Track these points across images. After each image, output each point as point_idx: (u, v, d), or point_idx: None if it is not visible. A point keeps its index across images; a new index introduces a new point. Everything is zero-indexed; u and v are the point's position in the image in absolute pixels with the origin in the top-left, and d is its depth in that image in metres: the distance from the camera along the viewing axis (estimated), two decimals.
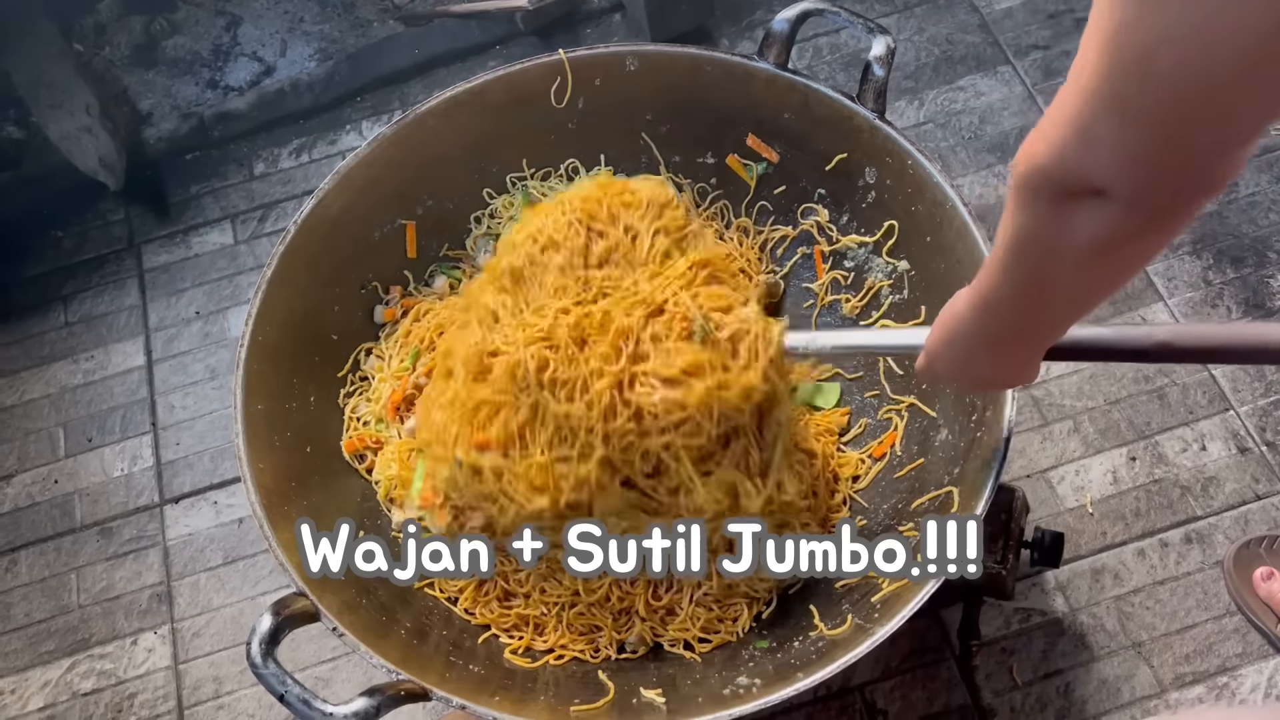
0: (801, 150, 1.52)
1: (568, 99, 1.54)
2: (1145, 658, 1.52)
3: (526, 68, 1.50)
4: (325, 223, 1.44)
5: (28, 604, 1.71)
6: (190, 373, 1.91)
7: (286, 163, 2.14)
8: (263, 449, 1.29)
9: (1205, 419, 1.69)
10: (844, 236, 1.52)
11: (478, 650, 1.30)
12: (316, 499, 1.34)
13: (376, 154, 1.46)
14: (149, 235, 2.07)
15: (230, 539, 1.73)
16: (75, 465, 1.83)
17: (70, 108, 2.04)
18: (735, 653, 1.28)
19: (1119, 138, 0.61)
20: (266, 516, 1.21)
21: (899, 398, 1.44)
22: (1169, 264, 1.83)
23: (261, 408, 1.32)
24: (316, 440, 1.41)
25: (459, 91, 1.49)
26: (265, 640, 1.07)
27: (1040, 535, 1.41)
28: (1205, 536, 1.60)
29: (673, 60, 1.51)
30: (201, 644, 1.65)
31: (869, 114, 1.41)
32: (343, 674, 1.60)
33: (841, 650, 1.13)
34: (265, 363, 1.34)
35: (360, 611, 1.21)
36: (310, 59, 2.26)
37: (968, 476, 1.24)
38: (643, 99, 1.55)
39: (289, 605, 1.12)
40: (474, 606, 1.34)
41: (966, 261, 1.32)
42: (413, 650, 1.21)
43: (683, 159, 1.60)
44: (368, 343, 1.52)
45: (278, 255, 1.38)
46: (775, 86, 1.47)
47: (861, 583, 1.28)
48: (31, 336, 1.98)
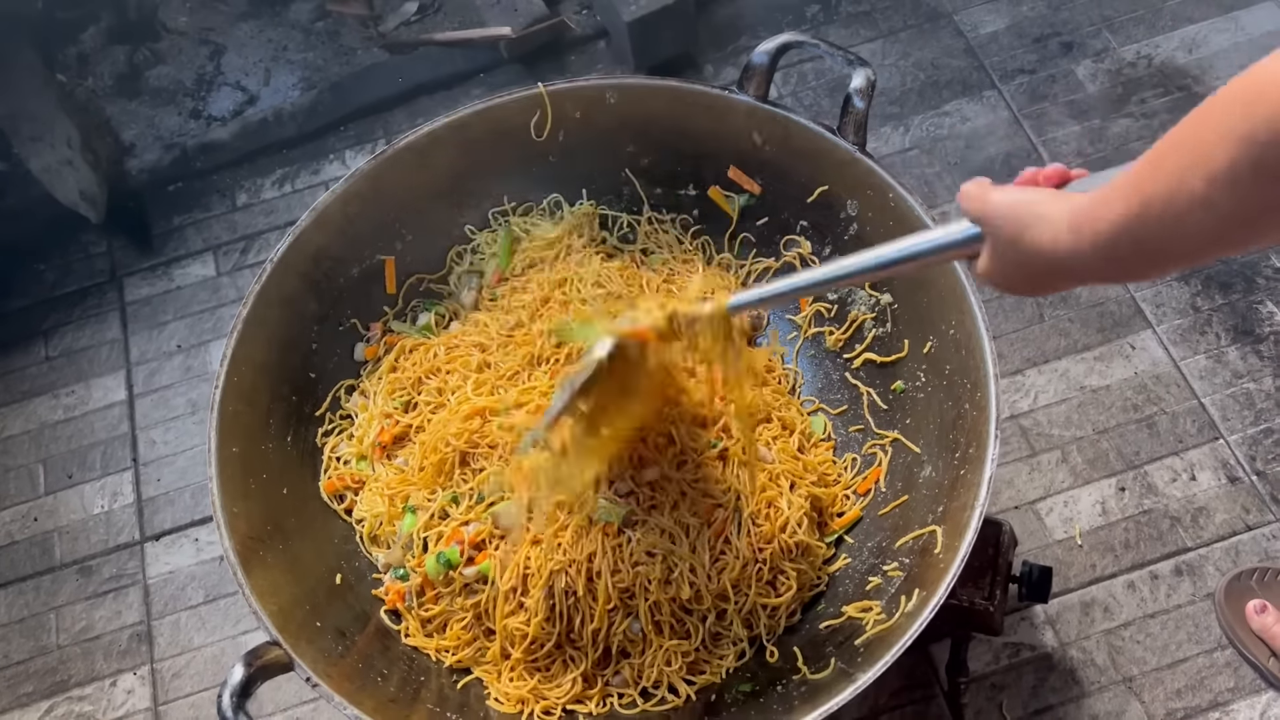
0: (784, 182, 1.51)
1: (548, 132, 1.52)
2: (1136, 693, 1.50)
3: (505, 101, 1.49)
4: (303, 259, 1.42)
5: (6, 645, 1.69)
6: (172, 407, 1.89)
7: (269, 193, 2.13)
8: (238, 493, 1.27)
9: (1195, 448, 1.67)
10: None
11: (457, 697, 1.27)
12: (294, 542, 1.32)
13: (353, 189, 1.44)
14: (131, 268, 2.06)
15: (211, 577, 1.71)
16: (55, 502, 1.82)
17: (51, 140, 2.03)
18: (718, 697, 1.26)
19: None
20: (240, 563, 1.19)
21: (883, 432, 1.42)
22: (1157, 290, 1.82)
23: (237, 450, 1.30)
24: (293, 482, 1.39)
25: (438, 126, 1.47)
26: (236, 693, 1.05)
27: (1028, 570, 1.39)
28: (1196, 568, 1.58)
29: (653, 93, 1.50)
30: (182, 684, 1.63)
31: (850, 147, 1.39)
32: (325, 714, 1.58)
33: (825, 695, 1.11)
34: (241, 403, 1.33)
35: (338, 660, 1.19)
36: (294, 88, 2.25)
37: (951, 515, 1.22)
38: (624, 131, 1.54)
39: (262, 655, 1.10)
40: (453, 647, 1.32)
41: (949, 295, 1.31)
42: (390, 699, 1.19)
43: (664, 191, 1.59)
44: (347, 380, 1.50)
45: (253, 294, 1.36)
46: (756, 118, 1.46)
47: (845, 623, 1.26)
48: (12, 371, 1.96)
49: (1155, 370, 1.74)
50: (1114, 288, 1.82)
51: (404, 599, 1.33)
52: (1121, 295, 1.82)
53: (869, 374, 1.46)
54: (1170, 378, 1.73)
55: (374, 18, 2.34)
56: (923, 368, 1.39)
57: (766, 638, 1.29)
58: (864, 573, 1.31)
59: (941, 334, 1.35)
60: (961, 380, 1.30)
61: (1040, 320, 1.81)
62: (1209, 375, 1.73)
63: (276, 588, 1.21)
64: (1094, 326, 1.80)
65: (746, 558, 1.26)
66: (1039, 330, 1.80)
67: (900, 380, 1.42)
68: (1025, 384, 1.76)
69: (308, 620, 1.22)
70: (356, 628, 1.29)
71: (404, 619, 1.33)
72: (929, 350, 1.37)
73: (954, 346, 1.32)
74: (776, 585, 1.30)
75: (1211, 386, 1.72)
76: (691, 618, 1.26)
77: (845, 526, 1.38)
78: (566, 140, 1.54)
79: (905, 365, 1.42)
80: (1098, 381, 1.75)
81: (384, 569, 1.37)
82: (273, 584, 1.21)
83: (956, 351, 1.31)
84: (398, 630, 1.33)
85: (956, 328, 1.31)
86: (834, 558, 1.36)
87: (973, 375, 1.27)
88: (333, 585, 1.33)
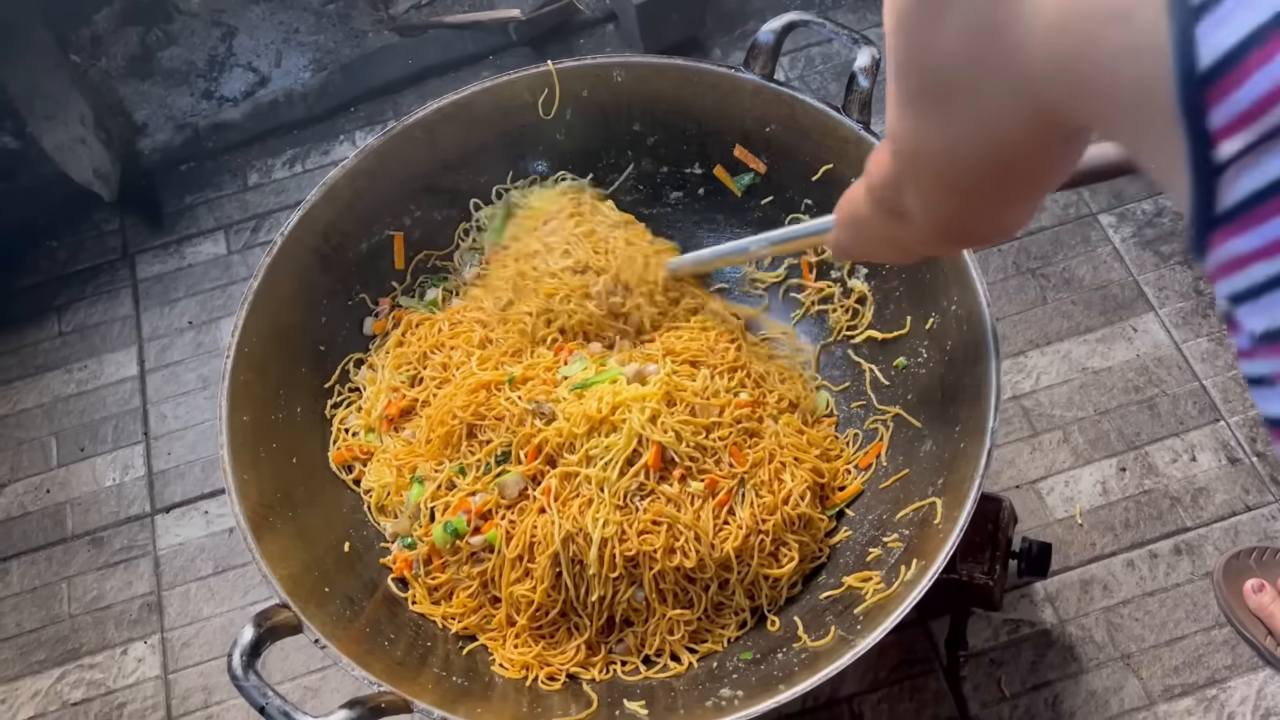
0: (788, 161, 1.52)
1: (555, 110, 1.54)
2: (1134, 669, 1.51)
3: (514, 79, 1.51)
4: (313, 235, 1.44)
5: (18, 614, 1.71)
6: (182, 382, 1.91)
7: (280, 173, 2.15)
8: (248, 461, 1.29)
9: (1195, 429, 1.68)
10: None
11: (463, 662, 1.29)
12: (303, 511, 1.34)
13: (363, 166, 1.46)
14: (143, 245, 2.08)
15: (221, 549, 1.74)
16: (67, 475, 1.84)
17: (65, 118, 2.05)
18: (719, 664, 1.28)
19: (912, 197, 0.77)
20: (250, 529, 1.21)
21: (884, 408, 1.44)
22: (1160, 274, 1.83)
23: (247, 419, 1.32)
24: (303, 452, 1.41)
25: (446, 103, 1.49)
26: (246, 652, 1.07)
27: (1027, 545, 1.41)
28: (1195, 548, 1.59)
29: (659, 72, 1.52)
30: (191, 654, 1.65)
31: (854, 125, 1.41)
32: (331, 684, 1.60)
33: (825, 661, 1.12)
34: (251, 374, 1.35)
35: (346, 624, 1.21)
36: (305, 69, 2.27)
37: (951, 487, 1.24)
38: (630, 110, 1.55)
39: (271, 617, 1.12)
40: (459, 615, 1.34)
41: (951, 271, 1.33)
42: (397, 662, 1.21)
43: (670, 170, 1.60)
44: (356, 353, 1.52)
45: (264, 267, 1.38)
46: (761, 97, 1.47)
47: (845, 593, 1.28)
48: (26, 346, 1.99)
49: (1157, 352, 1.75)
50: (1117, 271, 1.83)
51: (411, 567, 1.35)
52: (1124, 279, 1.83)
53: (871, 350, 1.48)
54: (1172, 360, 1.75)
55: (384, 0, 2.35)
56: (924, 344, 1.40)
57: (768, 608, 1.31)
58: (864, 544, 1.32)
59: (944, 310, 1.36)
60: (963, 356, 1.31)
61: (1043, 302, 1.83)
62: (1211, 358, 1.74)
63: (286, 554, 1.23)
64: (1096, 309, 1.81)
65: (749, 528, 1.28)
66: (1041, 312, 1.82)
67: (902, 356, 1.44)
68: (1027, 365, 1.77)
69: (316, 586, 1.24)
70: (364, 594, 1.31)
71: (411, 586, 1.35)
72: (931, 326, 1.39)
73: (956, 322, 1.33)
74: (778, 556, 1.32)
75: (1213, 369, 1.73)
76: (695, 586, 1.28)
77: (846, 500, 1.39)
78: (573, 118, 1.55)
79: (907, 342, 1.44)
80: (1099, 363, 1.76)
81: (391, 538, 1.39)
82: (282, 550, 1.23)
83: (958, 327, 1.33)
84: (405, 598, 1.35)
85: (959, 303, 1.32)
86: (835, 530, 1.38)
87: (974, 351, 1.28)
88: (341, 553, 1.35)
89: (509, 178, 1.60)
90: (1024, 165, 0.66)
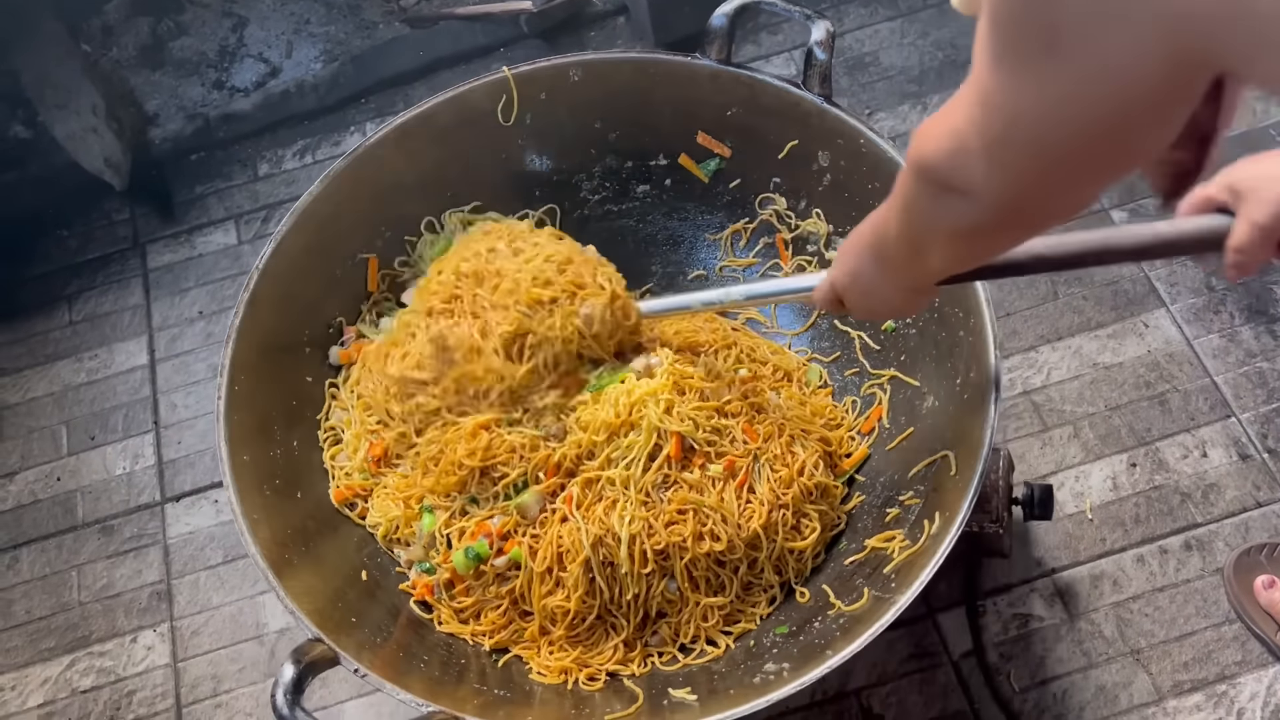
0: (753, 142, 1.53)
1: (515, 116, 1.53)
2: (1144, 665, 1.51)
3: (472, 88, 1.51)
4: (287, 264, 1.42)
5: (29, 601, 1.72)
6: (192, 372, 1.91)
7: (290, 164, 2.15)
8: (255, 501, 1.28)
9: (1206, 425, 1.68)
10: (803, 222, 1.55)
11: (499, 674, 1.29)
12: (316, 545, 1.33)
13: (331, 189, 1.45)
14: (153, 235, 2.08)
15: (230, 538, 1.74)
16: (78, 463, 1.84)
17: (76, 108, 2.05)
18: (756, 643, 1.29)
19: (986, 170, 0.70)
20: (271, 568, 1.19)
21: (879, 372, 1.47)
22: (1172, 270, 1.83)
23: (247, 458, 1.30)
24: (305, 486, 1.39)
25: (407, 119, 1.48)
26: (289, 690, 1.05)
27: (1030, 491, 1.43)
28: (1205, 543, 1.59)
29: (615, 67, 1.52)
30: (200, 642, 1.66)
31: (816, 98, 1.43)
32: (352, 716, 1.59)
33: (865, 624, 1.13)
34: (244, 412, 1.33)
35: (377, 650, 1.20)
36: (316, 60, 2.27)
37: (962, 438, 1.25)
38: (590, 108, 1.55)
39: (308, 651, 1.10)
40: (490, 631, 1.32)
41: None
42: (435, 681, 1.20)
43: (635, 164, 1.60)
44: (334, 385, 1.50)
45: (243, 303, 1.37)
46: (720, 81, 1.48)
47: (870, 556, 1.30)
48: (36, 335, 1.99)
49: (1168, 349, 1.75)
50: (1129, 267, 1.83)
51: (433, 593, 1.34)
52: (1136, 274, 1.82)
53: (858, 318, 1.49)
54: (1183, 356, 1.74)
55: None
56: None
57: (795, 581, 1.33)
58: (880, 506, 1.35)
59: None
60: (952, 309, 1.33)
61: (1054, 298, 1.82)
62: (1222, 354, 1.74)
63: (310, 590, 1.22)
64: (1108, 304, 1.80)
65: (771, 503, 1.29)
66: (1053, 307, 1.81)
67: (889, 320, 1.45)
68: (1038, 360, 1.77)
69: (344, 617, 1.23)
70: (390, 620, 1.30)
71: (435, 609, 1.34)
72: None
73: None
74: (801, 529, 1.33)
75: (1224, 365, 1.73)
76: (725, 570, 1.30)
77: (855, 466, 1.42)
78: (534, 122, 1.55)
79: None
80: (1110, 359, 1.75)
81: (407, 565, 1.38)
82: (306, 587, 1.22)
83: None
84: (430, 619, 1.34)
85: None
86: (848, 496, 1.40)
87: (964, 303, 1.30)
88: (360, 583, 1.34)
89: (468, 193, 1.57)
90: (1141, 127, 0.60)
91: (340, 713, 1.56)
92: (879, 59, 2.14)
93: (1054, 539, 1.61)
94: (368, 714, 1.56)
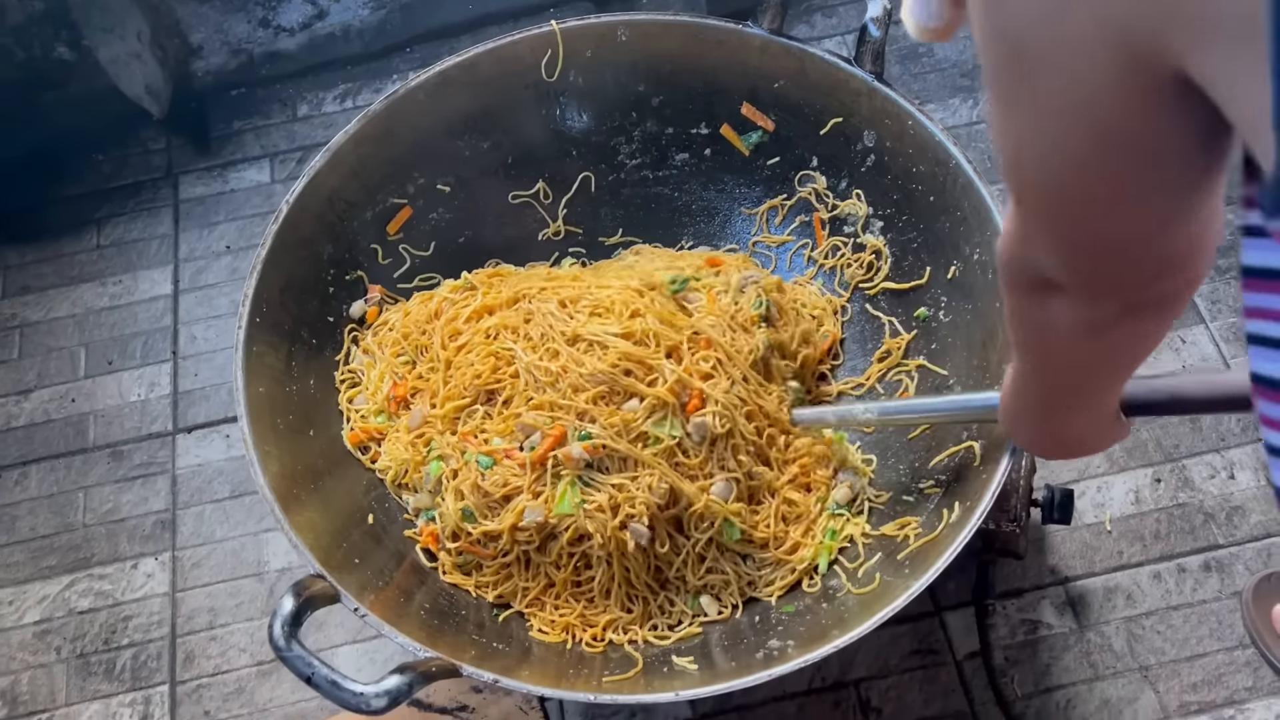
0: (797, 117, 1.50)
1: (559, 71, 1.50)
2: (1151, 682, 1.48)
3: (518, 40, 1.47)
4: (318, 202, 1.41)
5: (34, 518, 1.71)
6: (215, 306, 1.90)
7: (330, 107, 2.14)
8: (267, 431, 1.26)
9: (1237, 447, 1.64)
10: (842, 202, 1.52)
11: (498, 628, 1.27)
12: (324, 483, 1.31)
13: (366, 131, 1.43)
14: (187, 166, 2.07)
15: (239, 473, 1.73)
16: (93, 386, 1.84)
17: (122, 32, 2.04)
18: (762, 619, 1.27)
19: (1039, 235, 0.62)
20: (277, 500, 1.18)
21: (906, 360, 1.44)
22: (1214, 287, 1.78)
23: (263, 390, 1.29)
24: (319, 426, 1.38)
25: (448, 65, 1.45)
26: (288, 622, 1.02)
27: (1050, 493, 1.40)
28: (1225, 565, 1.55)
29: (665, 30, 1.49)
30: (200, 574, 1.65)
31: (867, 76, 1.40)
32: (348, 661, 1.58)
33: (880, 604, 1.12)
34: (263, 345, 1.32)
35: (378, 592, 1.19)
36: (364, 6, 2.25)
37: (987, 430, 1.23)
38: (635, 70, 1.52)
39: (308, 587, 1.08)
40: (492, 583, 1.31)
41: (973, 218, 1.33)
42: (435, 630, 1.18)
43: (676, 131, 1.57)
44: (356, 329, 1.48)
45: (271, 235, 1.35)
46: (769, 53, 1.45)
47: (884, 540, 1.28)
48: (62, 256, 1.99)
49: (1203, 366, 1.71)
50: None
51: (437, 541, 1.32)
52: None
53: (889, 303, 1.48)
54: None
55: None
56: (946, 293, 1.40)
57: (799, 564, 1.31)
58: (898, 494, 1.32)
59: (965, 258, 1.36)
60: (991, 303, 1.29)
61: None
62: None
63: (314, 526, 1.21)
64: None
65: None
66: None
67: (923, 307, 1.43)
68: None
69: (347, 558, 1.21)
70: (393, 565, 1.29)
71: (439, 558, 1.33)
72: (953, 276, 1.38)
73: (980, 269, 1.33)
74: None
75: None
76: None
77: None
78: (578, 79, 1.52)
79: (928, 292, 1.43)
80: (1144, 372, 1.71)
81: (414, 513, 1.36)
82: (310, 522, 1.21)
83: (983, 274, 1.33)
84: (433, 567, 1.32)
85: (982, 250, 1.32)
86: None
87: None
88: (366, 526, 1.32)
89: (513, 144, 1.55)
90: (1129, 140, 0.55)
91: (333, 655, 1.55)
92: (933, 50, 2.11)
93: (1070, 547, 1.57)
94: (360, 660, 1.55)
